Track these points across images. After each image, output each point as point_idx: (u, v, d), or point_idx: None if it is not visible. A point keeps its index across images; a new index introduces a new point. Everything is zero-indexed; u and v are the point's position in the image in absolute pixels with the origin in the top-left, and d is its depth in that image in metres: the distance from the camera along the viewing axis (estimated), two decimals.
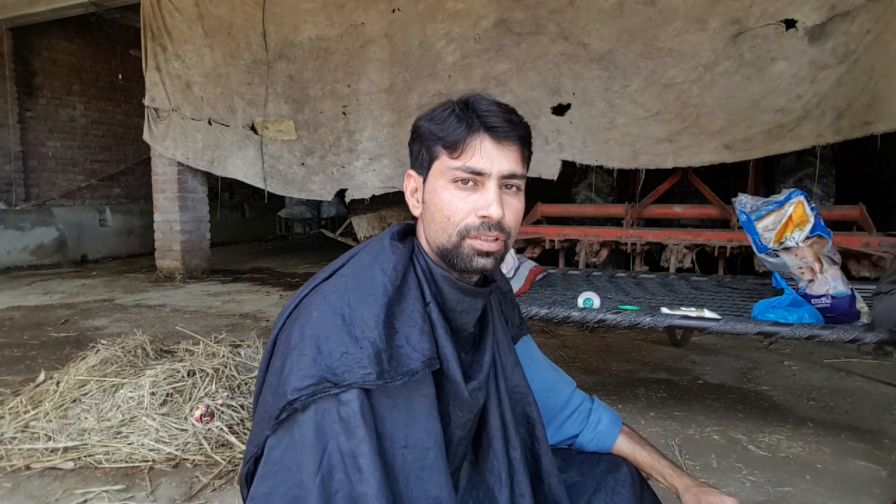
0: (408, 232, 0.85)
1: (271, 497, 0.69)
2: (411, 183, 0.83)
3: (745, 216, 1.97)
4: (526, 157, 0.80)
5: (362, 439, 0.68)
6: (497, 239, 0.77)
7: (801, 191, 1.86)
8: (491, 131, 0.76)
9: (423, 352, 0.73)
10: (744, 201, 1.99)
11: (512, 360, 0.91)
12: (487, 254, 0.77)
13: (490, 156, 0.75)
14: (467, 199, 0.76)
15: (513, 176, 0.77)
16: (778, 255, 1.86)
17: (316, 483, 0.68)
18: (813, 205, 1.83)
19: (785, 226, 1.82)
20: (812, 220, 1.78)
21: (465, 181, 0.76)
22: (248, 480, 0.78)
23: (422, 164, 0.80)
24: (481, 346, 0.86)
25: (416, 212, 0.83)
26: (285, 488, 0.69)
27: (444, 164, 0.77)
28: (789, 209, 1.83)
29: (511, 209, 0.78)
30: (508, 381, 0.88)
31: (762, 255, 1.92)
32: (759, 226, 1.90)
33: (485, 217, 0.75)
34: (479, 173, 0.75)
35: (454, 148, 0.76)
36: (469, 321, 0.83)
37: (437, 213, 0.78)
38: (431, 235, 0.80)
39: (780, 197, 1.89)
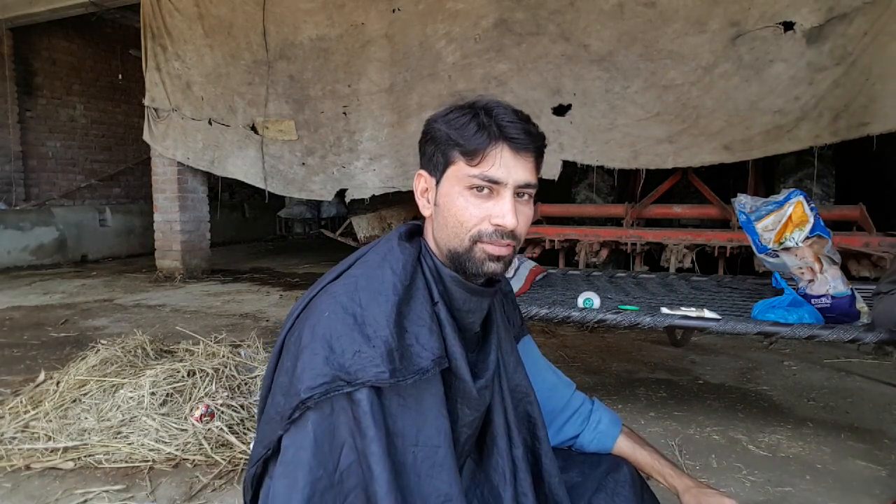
0: (414, 232, 0.85)
1: (289, 496, 0.69)
2: (422, 183, 0.83)
3: (744, 216, 1.97)
4: (539, 165, 0.81)
5: (372, 440, 0.68)
6: (508, 245, 0.78)
7: (800, 191, 1.86)
8: (510, 142, 0.76)
9: (433, 350, 0.74)
10: (743, 202, 1.99)
11: (514, 360, 0.92)
12: (498, 258, 0.78)
13: (508, 165, 0.76)
14: (482, 206, 0.77)
15: (527, 185, 0.78)
16: (778, 256, 1.86)
17: (334, 480, 0.69)
18: (812, 205, 1.83)
19: (785, 226, 1.82)
20: (812, 220, 1.78)
21: (480, 188, 0.76)
22: (254, 483, 0.78)
23: (435, 167, 0.80)
24: (486, 346, 0.87)
25: (426, 212, 0.83)
26: (302, 486, 0.69)
27: (460, 170, 0.77)
28: (789, 209, 1.83)
29: (523, 216, 0.79)
30: (510, 380, 0.89)
31: (762, 256, 1.92)
32: (759, 226, 1.90)
33: (499, 226, 0.76)
34: (496, 182, 0.76)
35: (473, 156, 0.76)
36: (475, 321, 0.84)
37: (451, 218, 0.78)
38: (443, 238, 0.80)
39: (780, 197, 1.89)
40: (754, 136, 3.47)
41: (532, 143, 0.77)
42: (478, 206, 0.77)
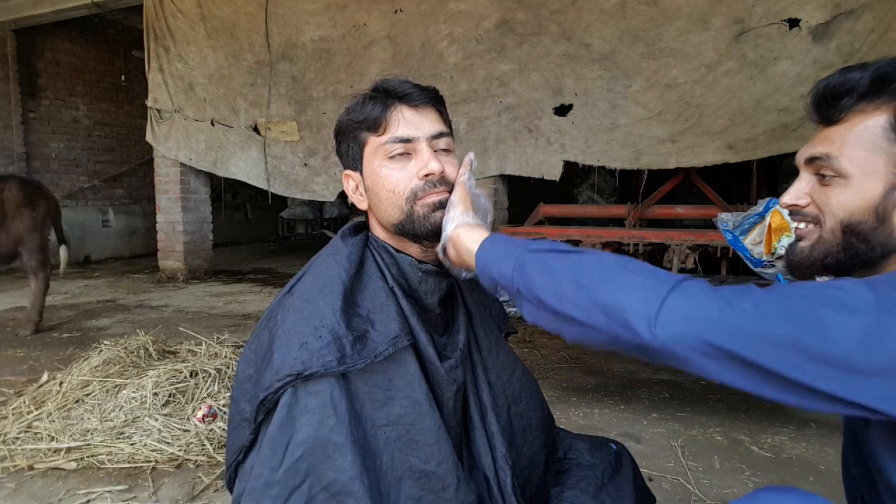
0: (360, 228, 0.88)
1: (258, 495, 0.70)
2: (350, 182, 0.86)
3: (730, 235, 1.96)
4: (445, 117, 0.84)
5: (332, 429, 0.68)
6: (443, 192, 0.79)
7: (777, 199, 1.86)
8: (406, 99, 0.79)
9: (388, 332, 0.74)
10: (725, 219, 1.99)
11: (494, 337, 0.92)
12: (441, 204, 0.79)
13: (413, 122, 0.79)
14: (405, 169, 0.79)
15: (440, 135, 0.80)
16: (774, 266, 1.85)
17: (279, 476, 0.68)
18: None
19: (768, 236, 1.82)
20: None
21: (398, 154, 0.79)
22: (230, 485, 0.80)
23: (354, 158, 0.83)
24: (453, 326, 0.88)
25: (363, 206, 0.85)
26: (260, 484, 0.69)
27: (373, 144, 0.80)
28: (769, 218, 1.83)
29: (449, 165, 0.81)
30: (486, 360, 0.89)
31: (759, 270, 1.91)
32: (747, 241, 1.90)
33: (427, 175, 0.78)
34: (408, 140, 0.78)
35: (377, 125, 0.79)
36: (434, 301, 0.84)
37: (382, 191, 0.80)
38: (384, 216, 0.81)
39: (759, 208, 1.89)
40: (759, 136, 3.46)
41: (427, 96, 0.80)
42: (401, 169, 0.79)
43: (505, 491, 0.81)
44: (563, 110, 3.92)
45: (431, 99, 0.81)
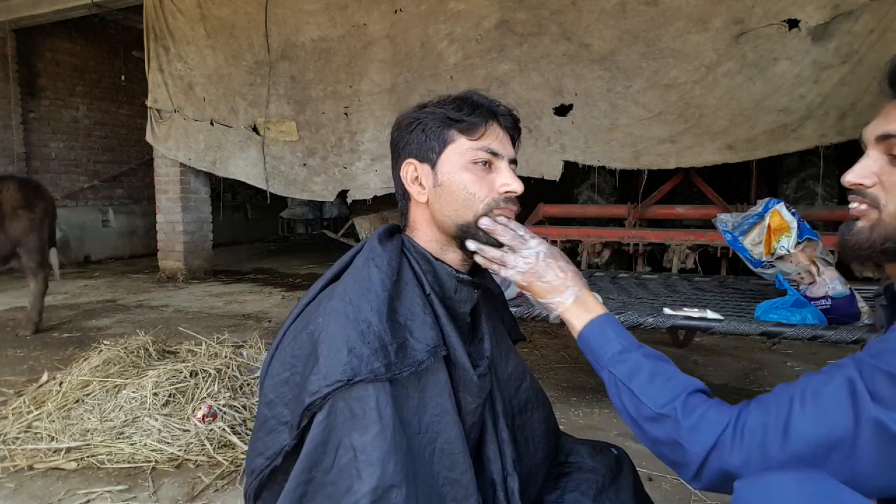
0: (393, 231, 0.88)
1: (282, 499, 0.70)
2: (411, 171, 0.85)
3: (729, 235, 1.96)
4: (517, 147, 0.89)
5: (376, 435, 0.68)
6: (513, 210, 0.85)
7: (777, 199, 1.87)
8: (501, 119, 0.84)
9: (428, 341, 0.75)
10: (725, 220, 1.99)
11: (506, 347, 0.93)
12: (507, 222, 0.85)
13: (502, 140, 0.84)
14: (486, 178, 0.83)
15: (514, 161, 0.86)
16: (774, 266, 1.85)
17: (329, 479, 0.69)
18: (793, 210, 1.83)
19: (768, 236, 1.82)
20: (795, 224, 1.78)
21: (483, 162, 0.82)
22: (256, 494, 0.79)
23: (429, 150, 0.83)
24: (478, 334, 0.89)
25: (421, 198, 0.85)
26: (292, 487, 0.70)
27: (461, 146, 0.82)
28: (769, 219, 1.83)
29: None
30: (504, 369, 0.91)
31: (759, 270, 1.91)
32: (746, 241, 1.90)
33: (509, 192, 0.83)
34: (496, 154, 0.82)
35: (474, 130, 0.82)
36: (466, 310, 0.86)
37: (460, 192, 0.82)
38: (451, 215, 0.83)
39: (759, 209, 1.90)
40: (758, 136, 3.46)
41: (513, 121, 0.86)
42: (482, 177, 0.82)
43: (512, 498, 0.82)
44: (563, 110, 3.92)
45: (514, 127, 0.87)
